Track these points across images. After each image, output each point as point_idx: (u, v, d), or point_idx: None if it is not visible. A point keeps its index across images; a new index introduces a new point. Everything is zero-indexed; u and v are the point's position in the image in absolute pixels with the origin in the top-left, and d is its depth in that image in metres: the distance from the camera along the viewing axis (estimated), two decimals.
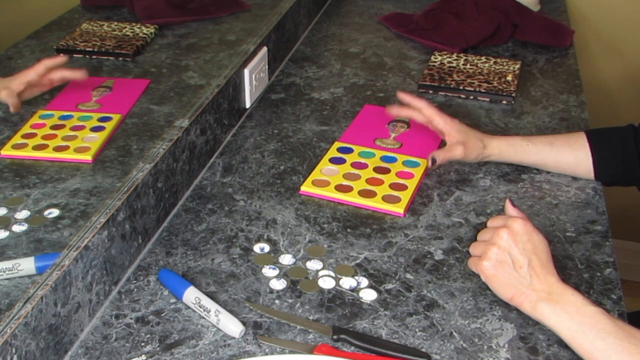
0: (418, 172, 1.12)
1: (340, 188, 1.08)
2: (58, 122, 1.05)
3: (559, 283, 0.82)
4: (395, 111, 1.17)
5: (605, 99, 2.05)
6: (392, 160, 1.15)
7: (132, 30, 1.27)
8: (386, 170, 1.12)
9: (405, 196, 1.06)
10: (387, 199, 1.05)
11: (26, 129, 1.02)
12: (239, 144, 1.23)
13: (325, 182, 1.10)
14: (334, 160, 1.15)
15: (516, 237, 0.84)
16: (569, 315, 0.79)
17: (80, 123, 1.06)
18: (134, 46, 1.24)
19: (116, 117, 1.07)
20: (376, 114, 1.31)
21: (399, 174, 1.11)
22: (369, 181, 1.10)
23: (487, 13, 1.62)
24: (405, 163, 1.14)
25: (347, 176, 1.11)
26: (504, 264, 0.84)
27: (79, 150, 1.00)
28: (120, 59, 1.22)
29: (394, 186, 1.08)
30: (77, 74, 1.10)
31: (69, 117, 1.06)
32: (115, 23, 1.29)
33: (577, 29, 1.74)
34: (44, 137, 1.01)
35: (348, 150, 1.18)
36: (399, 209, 1.03)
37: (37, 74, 1.02)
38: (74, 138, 1.03)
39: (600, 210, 1.07)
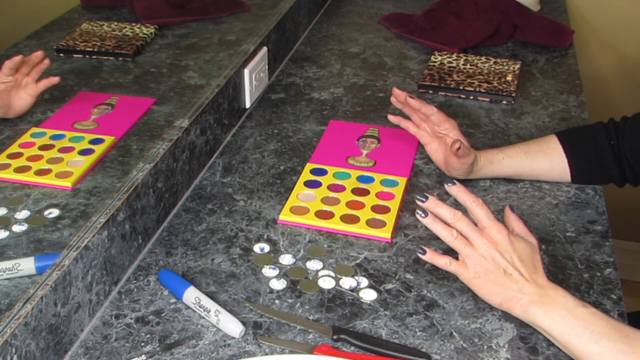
0: (398, 192, 1.08)
1: (321, 214, 1.03)
2: (48, 141, 1.01)
3: (549, 284, 0.82)
4: (402, 97, 1.09)
5: (605, 99, 2.05)
6: (370, 180, 1.11)
7: (132, 30, 1.27)
8: (365, 192, 1.08)
9: (390, 219, 1.02)
10: (371, 223, 1.01)
11: (14, 148, 0.98)
12: (239, 144, 1.23)
13: (304, 209, 1.04)
14: (310, 184, 1.10)
15: (500, 247, 0.82)
16: (562, 318, 0.79)
17: (70, 144, 1.01)
18: (134, 46, 1.24)
19: (109, 140, 1.03)
20: (343, 129, 1.27)
21: (379, 195, 1.08)
22: (350, 205, 1.05)
23: (487, 13, 1.62)
24: (383, 182, 1.11)
25: (325, 201, 1.06)
26: (488, 273, 0.82)
27: (60, 175, 0.96)
28: (120, 59, 1.22)
29: (376, 209, 1.05)
30: (35, 57, 1.02)
31: (61, 136, 1.03)
32: (115, 23, 1.29)
33: (577, 29, 1.74)
34: (29, 159, 0.97)
35: (322, 172, 1.13)
36: (385, 233, 1.00)
37: (5, 75, 1.00)
38: (59, 161, 0.98)
39: (600, 210, 1.07)
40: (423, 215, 0.84)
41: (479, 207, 0.84)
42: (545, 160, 1.09)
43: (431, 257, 0.84)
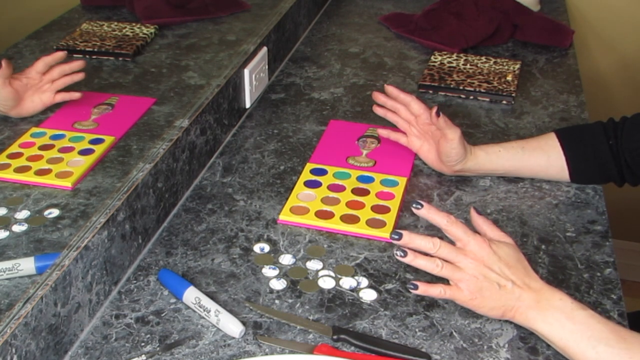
0: (398, 192, 1.08)
1: (321, 214, 1.03)
2: (48, 141, 1.01)
3: (545, 287, 0.81)
4: (382, 98, 1.13)
5: (605, 99, 2.05)
6: (370, 180, 1.11)
7: (132, 30, 1.27)
8: (365, 192, 1.08)
9: (390, 219, 1.02)
10: (371, 223, 1.01)
11: (14, 148, 0.98)
12: (239, 144, 1.23)
13: (304, 209, 1.04)
14: (310, 184, 1.10)
15: (486, 262, 0.81)
16: (560, 323, 0.78)
17: (71, 144, 1.01)
18: (134, 46, 1.24)
19: (109, 140, 1.03)
20: (343, 129, 1.27)
21: (379, 195, 1.08)
22: (350, 205, 1.05)
23: (487, 13, 1.62)
24: (383, 182, 1.11)
25: (325, 200, 1.06)
26: (483, 291, 0.81)
27: (60, 175, 0.96)
28: (120, 59, 1.22)
29: (376, 209, 1.05)
30: (74, 66, 1.05)
31: (61, 136, 1.03)
32: (115, 23, 1.29)
33: (577, 29, 1.74)
34: (29, 159, 0.97)
35: (322, 172, 1.13)
36: (385, 233, 1.00)
37: (36, 71, 1.01)
38: (59, 161, 0.98)
39: (600, 210, 1.07)
40: (402, 255, 0.81)
41: (454, 226, 0.82)
42: (543, 157, 1.09)
43: (424, 289, 0.82)
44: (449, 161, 1.08)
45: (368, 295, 0.90)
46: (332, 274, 0.94)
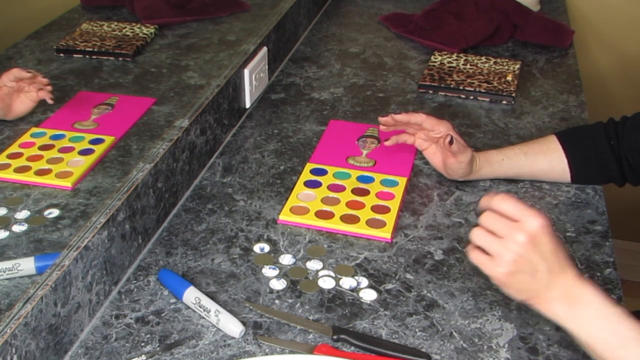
0: (398, 192, 1.08)
1: (321, 214, 1.03)
2: (48, 141, 1.01)
3: (577, 279, 0.75)
4: (390, 121, 1.09)
5: (605, 99, 2.05)
6: (370, 180, 1.11)
7: (132, 30, 1.27)
8: (365, 192, 1.08)
9: (390, 219, 1.02)
10: (371, 223, 1.01)
11: (14, 148, 0.98)
12: (239, 144, 1.23)
13: (304, 209, 1.04)
14: (310, 184, 1.10)
15: (536, 241, 0.74)
16: (589, 320, 0.74)
17: (71, 144, 1.02)
18: (134, 46, 1.24)
19: (109, 140, 1.03)
20: (343, 129, 1.27)
21: (379, 195, 1.08)
22: (350, 205, 1.05)
23: (487, 13, 1.62)
24: (383, 182, 1.11)
25: (325, 201, 1.06)
26: (521, 273, 0.75)
27: (60, 175, 0.96)
28: (120, 59, 1.22)
29: (376, 209, 1.05)
30: (42, 82, 1.03)
31: (61, 136, 1.03)
32: (115, 23, 1.29)
33: (577, 29, 1.74)
34: (29, 159, 0.97)
35: (322, 172, 1.13)
36: (385, 233, 1.00)
37: (15, 76, 1.00)
38: (59, 161, 0.98)
39: (600, 210, 1.07)
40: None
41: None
42: (545, 161, 1.09)
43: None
44: (453, 175, 1.10)
45: (368, 295, 0.90)
46: (332, 274, 0.94)
